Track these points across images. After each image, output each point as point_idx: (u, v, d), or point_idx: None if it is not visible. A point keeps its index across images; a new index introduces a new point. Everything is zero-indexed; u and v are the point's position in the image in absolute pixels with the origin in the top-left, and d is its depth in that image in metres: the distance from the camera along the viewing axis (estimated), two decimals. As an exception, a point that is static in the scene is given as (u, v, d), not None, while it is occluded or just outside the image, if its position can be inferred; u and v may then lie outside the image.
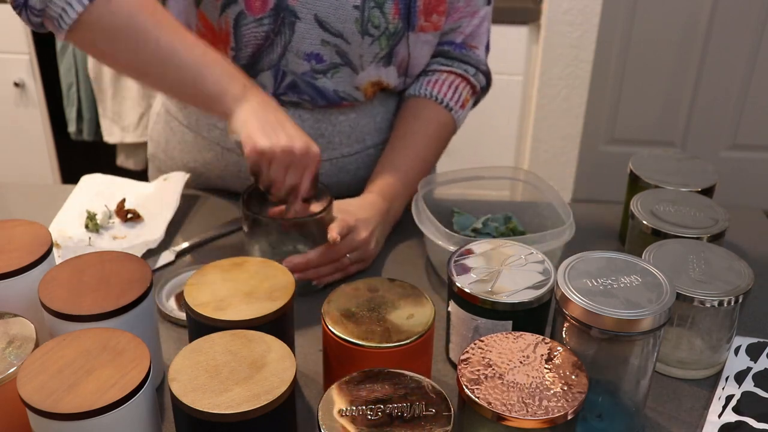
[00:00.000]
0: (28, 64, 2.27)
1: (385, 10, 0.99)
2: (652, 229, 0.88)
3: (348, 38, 1.00)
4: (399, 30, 1.02)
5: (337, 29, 0.99)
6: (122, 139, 2.26)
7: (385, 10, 0.99)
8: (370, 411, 0.58)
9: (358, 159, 1.11)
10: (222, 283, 0.74)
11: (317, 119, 1.06)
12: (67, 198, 1.12)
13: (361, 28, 0.99)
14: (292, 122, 0.90)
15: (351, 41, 1.00)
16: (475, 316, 0.75)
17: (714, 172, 1.01)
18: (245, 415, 0.59)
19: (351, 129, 1.09)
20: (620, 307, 0.66)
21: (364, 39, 1.00)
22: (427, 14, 1.02)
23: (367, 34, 1.00)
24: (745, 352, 0.84)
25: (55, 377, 0.60)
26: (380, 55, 1.03)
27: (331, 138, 1.08)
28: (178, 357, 0.64)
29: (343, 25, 0.98)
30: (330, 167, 1.09)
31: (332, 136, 1.08)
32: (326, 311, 0.72)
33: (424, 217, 0.95)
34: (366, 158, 1.12)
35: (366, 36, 1.00)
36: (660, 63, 2.54)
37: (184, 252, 1.02)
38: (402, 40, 1.03)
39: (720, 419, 0.75)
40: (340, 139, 1.09)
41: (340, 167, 1.10)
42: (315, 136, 1.06)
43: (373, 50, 1.02)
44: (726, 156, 2.70)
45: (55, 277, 0.72)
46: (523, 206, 1.06)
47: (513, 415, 0.58)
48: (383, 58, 1.04)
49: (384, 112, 1.12)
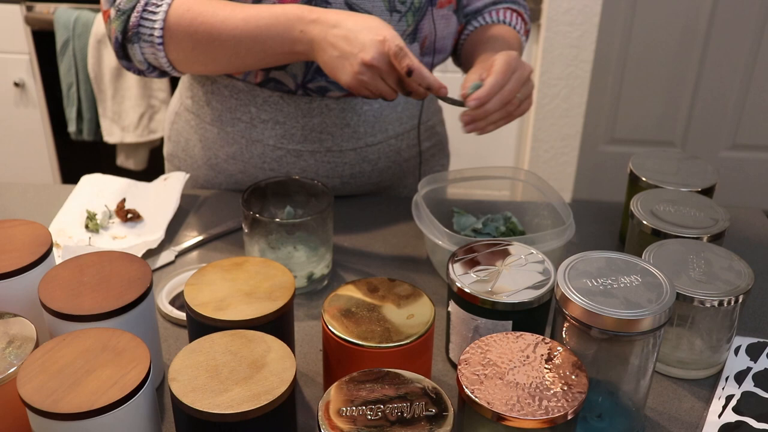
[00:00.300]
0: (28, 64, 2.27)
1: None
2: (652, 229, 0.88)
3: (377, 16, 0.99)
4: (423, 4, 1.03)
5: (365, 9, 1.00)
6: (122, 139, 2.26)
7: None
8: (370, 411, 0.58)
9: (380, 149, 1.13)
10: (222, 283, 0.74)
11: (342, 108, 1.08)
12: (67, 198, 1.12)
13: (388, 5, 1.00)
14: (352, 22, 0.88)
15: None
16: (475, 316, 0.75)
17: (714, 172, 1.01)
18: (245, 415, 0.59)
19: (375, 119, 1.10)
20: (620, 307, 0.66)
21: (392, 16, 1.01)
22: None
23: (395, 10, 1.01)
24: (745, 352, 0.84)
25: (55, 377, 0.60)
26: (407, 32, 1.04)
27: (356, 128, 1.10)
28: (178, 357, 0.64)
29: (371, 4, 1.00)
30: (354, 156, 1.12)
31: (357, 126, 1.10)
32: (326, 311, 0.72)
33: (424, 216, 0.95)
34: (387, 148, 1.14)
35: (394, 13, 1.01)
36: (660, 63, 2.54)
37: (184, 252, 1.02)
38: (426, 15, 1.04)
39: (720, 419, 0.75)
40: (365, 129, 1.10)
41: (363, 156, 1.12)
42: (341, 125, 1.09)
43: (400, 27, 1.03)
44: (726, 156, 2.70)
45: (55, 277, 0.72)
46: (523, 206, 1.06)
47: (513, 415, 0.58)
48: (409, 35, 1.05)
49: (405, 102, 1.14)
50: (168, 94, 2.22)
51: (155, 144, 2.33)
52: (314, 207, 0.96)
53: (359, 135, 1.10)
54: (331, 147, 1.10)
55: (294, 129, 1.09)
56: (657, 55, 2.53)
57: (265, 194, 0.96)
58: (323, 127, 1.09)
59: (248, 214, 0.90)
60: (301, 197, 0.97)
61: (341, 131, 1.09)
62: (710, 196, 0.99)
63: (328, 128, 1.09)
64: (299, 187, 0.97)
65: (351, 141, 1.10)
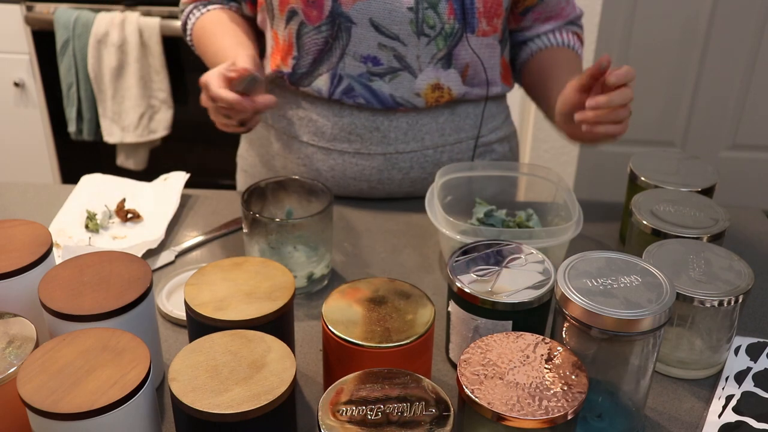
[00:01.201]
0: (28, 64, 2.27)
1: (439, 11, 1.01)
2: (652, 229, 0.88)
3: (404, 40, 1.02)
4: (456, 31, 1.03)
5: (392, 32, 1.02)
6: (122, 139, 2.26)
7: (439, 11, 1.01)
8: (370, 411, 0.58)
9: (413, 158, 1.12)
10: (222, 283, 0.74)
11: (374, 111, 1.09)
12: (67, 198, 1.12)
13: (416, 29, 1.02)
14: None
15: (407, 43, 1.03)
16: (475, 316, 0.75)
17: (714, 172, 1.01)
18: (245, 415, 0.59)
19: (408, 126, 1.10)
20: (620, 307, 0.66)
21: (420, 39, 1.03)
22: (489, 18, 1.04)
23: (423, 34, 1.02)
24: (745, 352, 0.84)
25: (55, 377, 0.60)
26: (438, 56, 1.05)
27: (387, 132, 1.10)
28: (178, 357, 0.64)
29: (399, 27, 1.01)
30: (383, 161, 1.11)
31: (388, 131, 1.10)
32: (326, 311, 0.72)
33: (434, 203, 0.96)
34: (422, 158, 1.13)
35: (422, 36, 1.03)
36: (660, 63, 2.54)
37: (184, 252, 1.02)
38: (461, 42, 1.05)
39: (720, 419, 0.75)
40: (396, 135, 1.10)
41: (393, 163, 1.12)
42: (371, 128, 1.09)
43: (430, 50, 1.04)
44: (726, 156, 2.70)
45: (55, 277, 0.72)
46: (546, 206, 1.05)
47: (513, 415, 0.58)
48: (441, 59, 1.05)
49: (449, 114, 1.12)
50: (168, 95, 2.22)
51: (155, 144, 2.33)
52: (314, 207, 0.96)
53: (389, 141, 1.10)
54: (360, 149, 1.10)
55: (324, 127, 1.10)
56: (657, 55, 2.52)
57: (265, 194, 0.96)
58: (352, 128, 1.09)
59: (248, 214, 0.90)
60: (301, 197, 0.97)
61: (370, 134, 1.09)
62: (710, 196, 0.99)
63: (357, 129, 1.09)
64: (299, 187, 0.97)
65: (380, 146, 1.10)
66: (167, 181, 1.14)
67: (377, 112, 1.09)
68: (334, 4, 1.01)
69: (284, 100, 1.15)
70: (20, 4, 2.16)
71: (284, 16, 1.06)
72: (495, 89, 1.13)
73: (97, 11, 2.14)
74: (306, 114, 1.12)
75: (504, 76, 1.15)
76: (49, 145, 2.41)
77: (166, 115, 2.24)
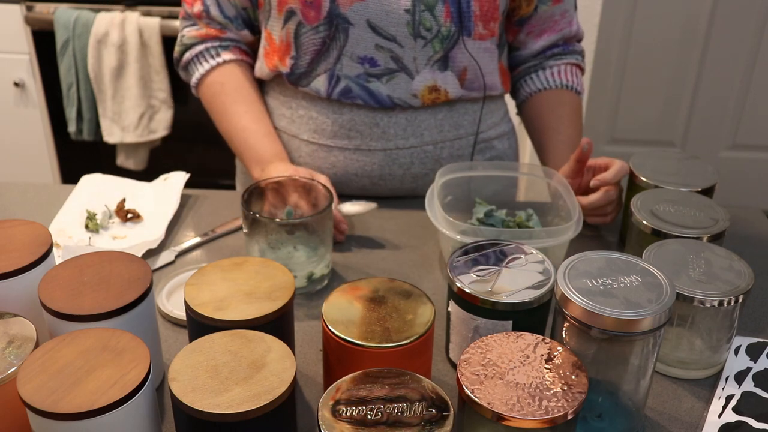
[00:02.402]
0: (28, 64, 2.27)
1: (435, 13, 1.02)
2: (652, 229, 0.88)
3: (401, 42, 1.03)
4: (452, 33, 1.04)
5: (389, 33, 1.02)
6: (122, 139, 2.26)
7: (435, 13, 1.02)
8: (370, 411, 0.58)
9: (413, 153, 1.13)
10: (222, 283, 0.74)
11: (372, 108, 1.09)
12: (67, 198, 1.12)
13: (412, 30, 1.02)
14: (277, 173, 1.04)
15: (404, 44, 1.04)
16: (475, 316, 0.75)
17: (714, 172, 1.01)
18: (245, 415, 0.59)
19: (407, 122, 1.11)
20: (620, 307, 0.66)
21: (416, 42, 1.04)
22: (485, 21, 1.05)
23: (419, 36, 1.03)
24: (745, 352, 0.84)
25: (55, 377, 0.60)
26: (434, 58, 1.06)
27: (386, 129, 1.10)
28: (178, 357, 0.64)
29: (396, 29, 1.02)
30: (384, 157, 1.12)
31: (387, 127, 1.10)
32: (326, 311, 0.72)
33: (434, 203, 0.96)
34: (422, 154, 1.13)
35: (418, 38, 1.03)
36: (660, 63, 2.54)
37: (184, 252, 1.02)
38: (457, 45, 1.05)
39: (720, 419, 0.75)
40: (395, 131, 1.11)
41: (394, 159, 1.12)
42: (370, 125, 1.10)
43: (426, 53, 1.05)
44: (726, 156, 2.70)
45: (55, 277, 0.72)
46: (546, 206, 1.05)
47: (513, 415, 0.58)
48: (438, 62, 1.06)
49: (447, 112, 1.12)
50: (168, 95, 2.22)
51: (155, 144, 2.33)
52: (314, 207, 0.96)
53: (389, 136, 1.11)
54: (360, 145, 1.11)
55: (324, 124, 1.11)
56: (657, 55, 2.52)
57: (265, 194, 0.96)
58: (352, 124, 1.10)
59: (248, 214, 0.90)
60: (301, 197, 0.97)
61: (370, 130, 1.10)
62: (710, 196, 0.99)
63: (357, 126, 1.10)
64: (299, 187, 0.97)
65: (380, 141, 1.11)
66: (167, 181, 1.14)
67: (376, 109, 1.09)
68: (332, 4, 1.01)
69: (284, 99, 1.15)
70: (20, 4, 2.16)
71: (282, 16, 1.06)
72: (493, 93, 1.14)
73: (97, 11, 2.14)
74: (306, 112, 1.12)
75: (503, 82, 1.16)
76: (49, 145, 2.41)
77: (166, 115, 2.24)
